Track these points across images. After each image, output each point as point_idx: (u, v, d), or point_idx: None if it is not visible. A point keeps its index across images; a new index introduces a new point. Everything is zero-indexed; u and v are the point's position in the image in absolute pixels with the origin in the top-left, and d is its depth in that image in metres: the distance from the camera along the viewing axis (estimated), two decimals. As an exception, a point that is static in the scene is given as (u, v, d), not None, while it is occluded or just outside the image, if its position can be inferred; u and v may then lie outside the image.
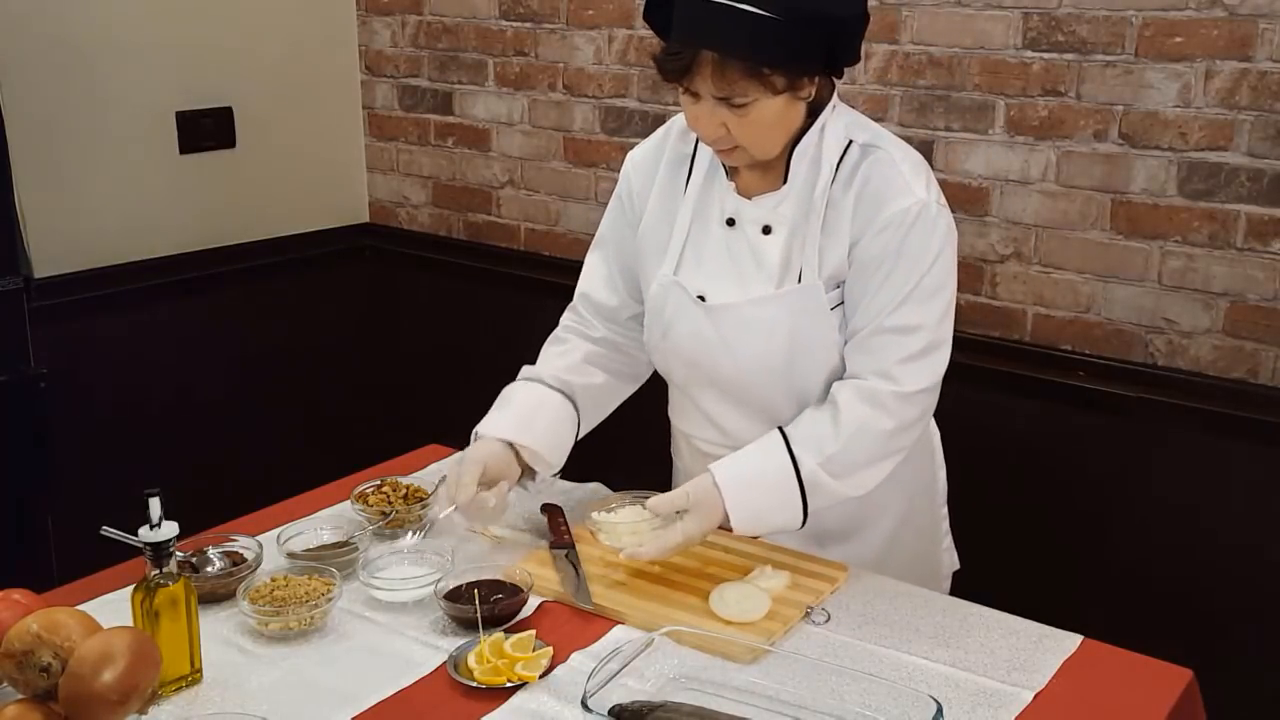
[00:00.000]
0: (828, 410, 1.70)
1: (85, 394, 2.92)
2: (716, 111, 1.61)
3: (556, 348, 1.95)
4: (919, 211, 1.66)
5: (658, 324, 1.83)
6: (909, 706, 1.36)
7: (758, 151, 1.67)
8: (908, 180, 1.68)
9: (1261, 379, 2.30)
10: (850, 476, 1.69)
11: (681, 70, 1.59)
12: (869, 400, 1.68)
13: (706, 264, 1.78)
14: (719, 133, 1.63)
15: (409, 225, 3.53)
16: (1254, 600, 2.34)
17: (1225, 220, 2.28)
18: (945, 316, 1.72)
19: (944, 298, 1.71)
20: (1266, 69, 2.19)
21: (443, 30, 3.31)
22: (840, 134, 1.71)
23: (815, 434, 1.68)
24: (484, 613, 1.54)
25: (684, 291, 1.78)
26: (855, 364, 1.72)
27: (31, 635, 1.33)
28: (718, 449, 1.84)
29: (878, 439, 1.69)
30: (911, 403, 1.70)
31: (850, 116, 1.74)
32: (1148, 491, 2.43)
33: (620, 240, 1.91)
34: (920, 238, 1.66)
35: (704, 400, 1.84)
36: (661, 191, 1.83)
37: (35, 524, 2.69)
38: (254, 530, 1.79)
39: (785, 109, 1.63)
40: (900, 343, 1.68)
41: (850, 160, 1.70)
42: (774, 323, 1.72)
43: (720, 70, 1.56)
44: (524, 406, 1.84)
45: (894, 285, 1.67)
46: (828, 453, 1.67)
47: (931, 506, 1.97)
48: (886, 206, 1.67)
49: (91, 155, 2.93)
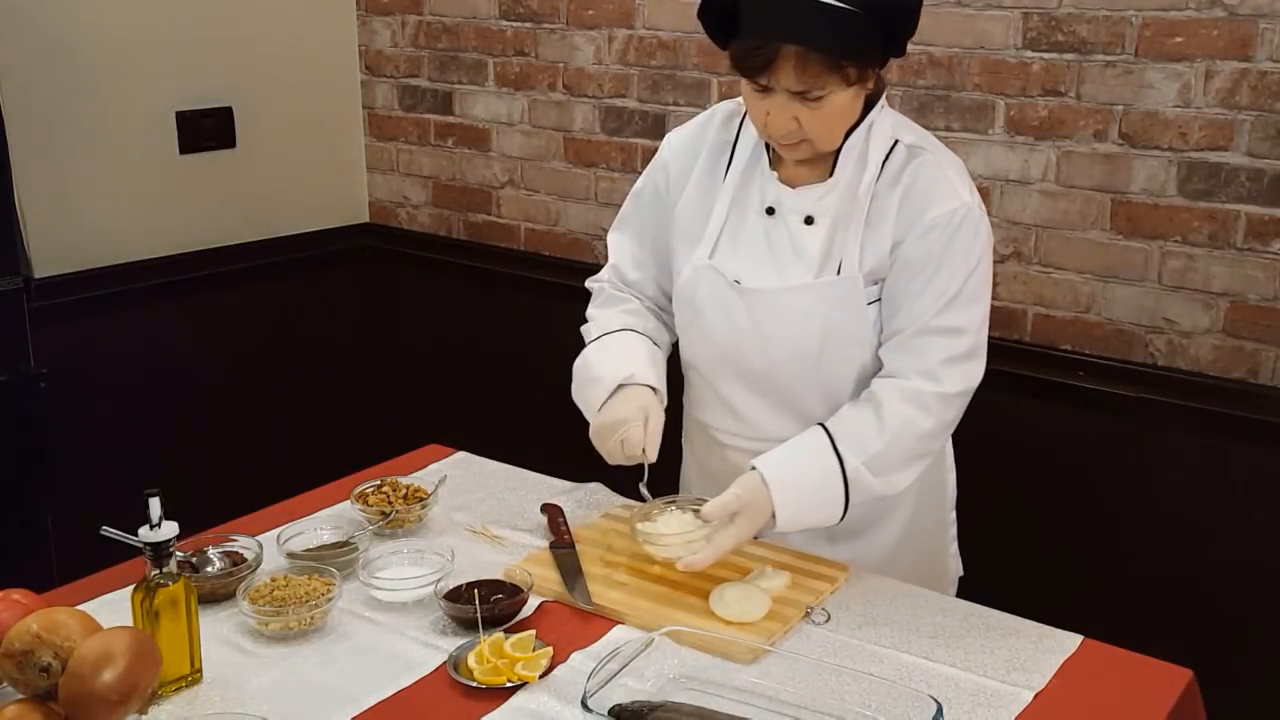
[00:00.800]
0: (869, 408, 1.71)
1: (85, 394, 2.92)
2: (790, 106, 1.62)
3: (623, 307, 1.93)
4: (965, 215, 1.68)
5: (688, 308, 1.83)
6: (909, 706, 1.36)
7: (824, 144, 1.68)
8: (954, 184, 1.70)
9: (1261, 379, 2.30)
10: (889, 475, 1.70)
11: (763, 65, 1.59)
12: (912, 400, 1.69)
13: (743, 251, 1.78)
14: (790, 126, 1.64)
15: (409, 225, 3.53)
16: (1254, 600, 2.34)
17: (1225, 220, 2.28)
18: (984, 323, 1.74)
19: (984, 303, 1.73)
20: (1266, 69, 2.19)
21: (443, 30, 3.31)
22: (887, 133, 1.73)
23: (859, 432, 1.69)
24: (484, 613, 1.54)
25: (719, 276, 1.78)
26: (896, 364, 1.72)
27: (31, 635, 1.33)
28: (738, 440, 1.84)
29: (918, 439, 1.70)
30: (950, 405, 1.72)
31: (895, 117, 1.77)
32: (1148, 491, 2.43)
33: (651, 218, 1.91)
34: (965, 241, 1.69)
35: (728, 389, 1.84)
36: (701, 177, 1.83)
37: (35, 524, 2.68)
38: (254, 530, 1.79)
39: (852, 100, 1.66)
40: (946, 344, 1.70)
41: (896, 159, 1.72)
42: (809, 311, 1.73)
43: (803, 64, 1.57)
44: (643, 348, 1.84)
45: (938, 287, 1.69)
46: (871, 451, 1.68)
47: (940, 510, 1.97)
48: (932, 208, 1.68)
49: (91, 155, 2.93)
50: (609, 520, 1.88)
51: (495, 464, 2.11)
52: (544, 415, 2.89)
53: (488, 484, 2.03)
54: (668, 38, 2.88)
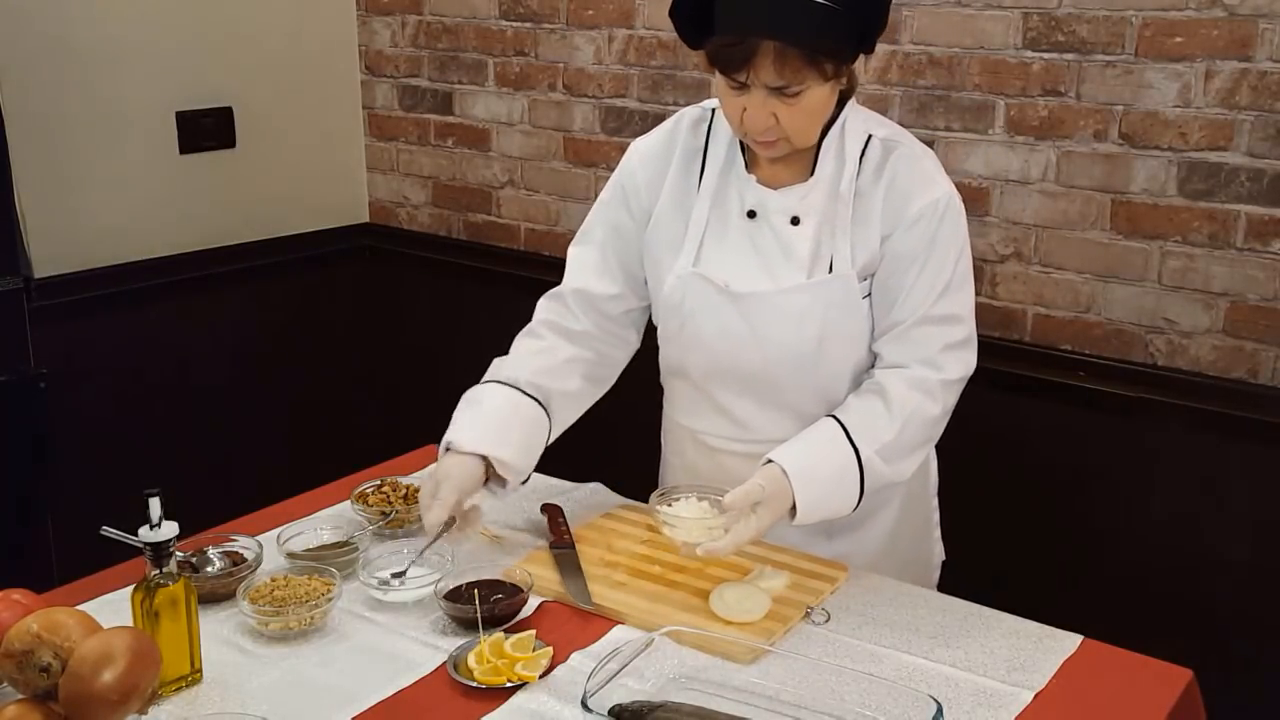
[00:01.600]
0: (877, 398, 1.72)
1: (85, 394, 2.92)
2: (768, 102, 1.62)
3: (533, 344, 1.90)
4: (946, 203, 1.72)
5: (674, 317, 1.82)
6: (909, 706, 1.36)
7: (800, 140, 1.69)
8: (932, 174, 1.73)
9: (1261, 379, 2.30)
10: (899, 463, 1.73)
11: (742, 61, 1.59)
12: (919, 387, 1.72)
13: (729, 256, 1.77)
14: (768, 123, 1.64)
15: (409, 225, 3.53)
16: (1254, 600, 2.34)
17: (1225, 220, 2.28)
18: (973, 308, 1.78)
19: (971, 287, 1.78)
20: (1266, 69, 2.19)
21: (443, 30, 3.31)
22: (860, 128, 1.74)
23: (871, 422, 1.70)
24: (484, 613, 1.54)
25: (707, 282, 1.77)
26: (896, 354, 1.74)
27: (31, 635, 1.33)
28: (733, 444, 1.84)
29: (926, 425, 1.73)
30: (951, 391, 1.75)
31: (865, 112, 1.78)
32: (1148, 491, 2.43)
33: (619, 231, 1.87)
34: (950, 229, 1.72)
35: (721, 394, 1.83)
36: (674, 185, 1.82)
37: (35, 524, 2.68)
38: (254, 530, 1.79)
39: (829, 96, 1.67)
40: (943, 332, 1.73)
41: (874, 154, 1.73)
42: (805, 312, 1.73)
43: (781, 59, 1.57)
44: (498, 415, 1.78)
45: (930, 276, 1.71)
46: (884, 440, 1.70)
47: (925, 497, 1.99)
48: (916, 200, 1.70)
49: (91, 155, 2.93)
50: (609, 520, 1.88)
51: (495, 464, 2.10)
52: (544, 415, 2.89)
53: (488, 484, 2.03)
54: (668, 38, 2.88)
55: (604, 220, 1.90)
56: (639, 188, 1.85)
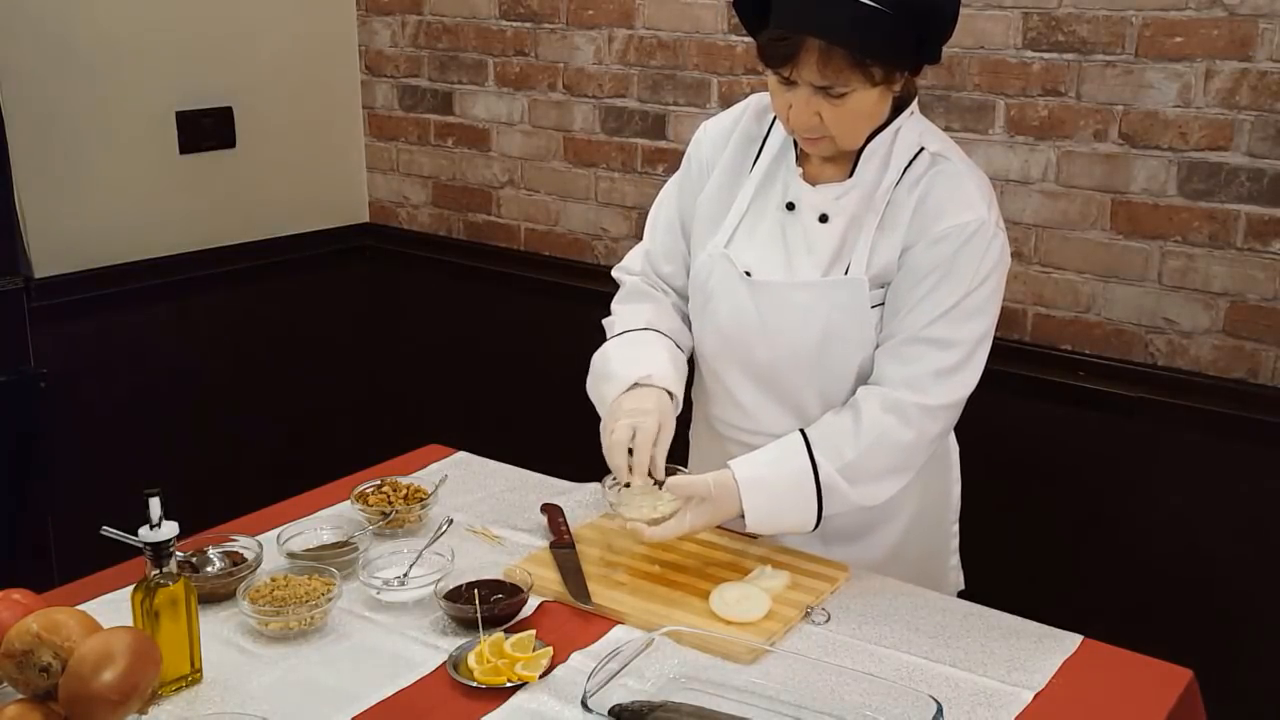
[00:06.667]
0: (849, 415, 1.71)
1: (85, 394, 2.92)
2: (812, 100, 1.62)
3: (651, 303, 1.92)
4: (976, 228, 1.67)
5: (700, 294, 1.84)
6: (909, 706, 1.36)
7: (845, 142, 1.68)
8: (972, 197, 1.69)
9: (1261, 379, 2.30)
10: (865, 485, 1.70)
11: (785, 56, 1.59)
12: (893, 409, 1.68)
13: (758, 243, 1.78)
14: (812, 121, 1.64)
15: (409, 225, 3.53)
16: (1254, 600, 2.34)
17: (1225, 220, 2.28)
18: (984, 339, 1.72)
19: (986, 320, 1.72)
20: (1266, 69, 2.19)
21: (443, 30, 3.31)
22: (913, 139, 1.72)
23: (836, 440, 1.69)
24: (484, 613, 1.54)
25: (731, 265, 1.78)
26: (884, 371, 1.72)
27: (31, 635, 1.33)
28: (739, 433, 1.85)
29: (896, 450, 1.69)
30: (934, 417, 1.70)
31: (924, 125, 1.76)
32: (1148, 491, 2.43)
33: (683, 208, 1.91)
34: (973, 255, 1.67)
35: (730, 379, 1.84)
36: (727, 166, 1.84)
37: (35, 524, 2.69)
38: (254, 530, 1.79)
39: (878, 101, 1.65)
40: (935, 355, 1.69)
41: (919, 166, 1.71)
42: (811, 308, 1.73)
43: (825, 59, 1.57)
44: (672, 355, 1.82)
45: (938, 298, 1.68)
46: (847, 458, 1.68)
47: (941, 520, 1.96)
48: (945, 218, 1.68)
49: (91, 155, 2.93)
50: (609, 520, 1.88)
51: (495, 464, 2.11)
52: (544, 415, 2.89)
53: (488, 484, 2.03)
54: (668, 38, 2.88)
55: (672, 198, 1.94)
56: (701, 165, 1.88)
